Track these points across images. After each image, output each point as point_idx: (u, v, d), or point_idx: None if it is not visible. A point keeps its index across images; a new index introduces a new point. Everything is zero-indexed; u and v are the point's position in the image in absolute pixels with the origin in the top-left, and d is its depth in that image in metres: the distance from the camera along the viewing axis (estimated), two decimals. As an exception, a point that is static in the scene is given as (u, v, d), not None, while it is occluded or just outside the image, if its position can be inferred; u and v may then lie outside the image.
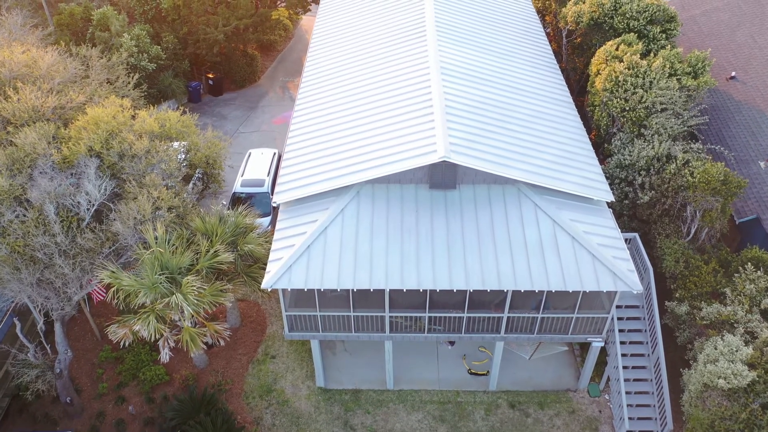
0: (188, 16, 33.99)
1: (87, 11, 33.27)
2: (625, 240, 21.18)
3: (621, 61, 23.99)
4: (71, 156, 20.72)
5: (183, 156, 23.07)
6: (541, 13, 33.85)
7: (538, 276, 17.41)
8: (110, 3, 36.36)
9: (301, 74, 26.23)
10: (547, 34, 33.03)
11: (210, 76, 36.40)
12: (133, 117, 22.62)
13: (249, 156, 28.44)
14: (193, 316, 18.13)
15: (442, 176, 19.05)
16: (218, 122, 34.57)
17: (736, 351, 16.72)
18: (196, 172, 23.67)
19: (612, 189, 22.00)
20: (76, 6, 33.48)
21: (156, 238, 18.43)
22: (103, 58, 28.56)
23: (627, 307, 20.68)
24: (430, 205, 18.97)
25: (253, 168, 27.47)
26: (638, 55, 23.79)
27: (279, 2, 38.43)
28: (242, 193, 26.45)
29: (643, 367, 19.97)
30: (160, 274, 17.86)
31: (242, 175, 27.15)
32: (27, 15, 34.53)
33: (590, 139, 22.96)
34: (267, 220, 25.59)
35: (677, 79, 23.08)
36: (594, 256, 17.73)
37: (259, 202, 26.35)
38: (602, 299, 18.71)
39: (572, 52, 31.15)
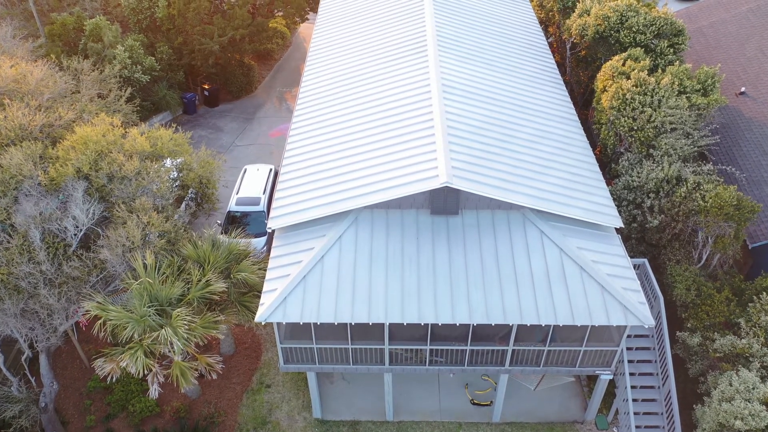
0: (183, 25, 33.21)
1: (79, 21, 32.47)
2: (634, 266, 20.41)
3: (628, 77, 23.21)
4: (58, 178, 19.94)
5: (175, 174, 22.29)
6: (544, 23, 33.11)
7: (545, 309, 16.62)
8: (104, 12, 35.59)
9: (299, 87, 25.45)
10: (550, 44, 32.28)
11: (205, 86, 35.60)
12: (124, 136, 21.81)
13: (244, 172, 27.65)
14: (183, 349, 17.30)
15: (444, 201, 18.28)
16: (214, 135, 33.79)
17: (753, 389, 15.95)
18: (189, 192, 22.89)
19: (619, 211, 21.22)
20: (68, 16, 32.68)
21: (145, 267, 17.65)
22: (95, 71, 27.78)
23: (636, 336, 19.89)
24: (432, 232, 18.19)
25: (248, 185, 26.67)
26: (646, 72, 23.01)
27: (276, 11, 37.63)
28: (237, 211, 25.65)
29: (654, 400, 19.18)
30: (149, 306, 17.06)
31: (237, 193, 26.34)
32: (17, 25, 33.78)
33: (595, 155, 22.17)
34: (262, 240, 24.80)
35: (686, 97, 22.29)
36: (603, 287, 16.95)
37: (254, 220, 25.56)
38: (611, 332, 17.91)
39: (576, 65, 30.40)
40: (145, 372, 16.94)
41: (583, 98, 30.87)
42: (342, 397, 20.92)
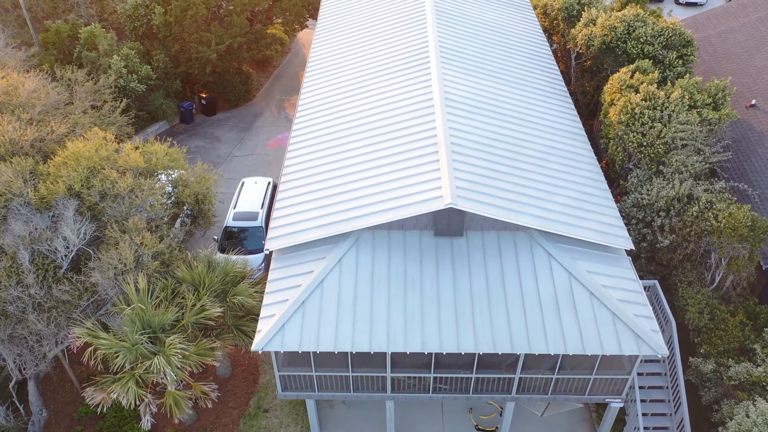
0: (180, 33, 32.54)
1: (74, 29, 31.80)
2: (644, 287, 19.74)
3: (637, 91, 22.54)
4: (49, 196, 19.27)
5: (170, 189, 21.61)
6: (548, 32, 32.43)
7: (554, 337, 15.94)
8: (100, 19, 34.91)
9: (298, 96, 24.76)
10: (554, 53, 31.62)
11: (203, 95, 34.94)
12: (117, 150, 21.13)
13: (242, 186, 26.95)
14: (177, 378, 16.61)
15: (448, 223, 17.61)
16: (211, 144, 33.12)
17: (771, 421, 15.27)
18: (184, 208, 22.21)
19: (628, 230, 20.56)
20: (62, 23, 32.00)
21: (138, 291, 16.97)
22: (89, 81, 27.08)
23: (647, 361, 19.23)
24: (435, 255, 17.52)
25: (245, 200, 25.97)
26: (655, 85, 22.34)
27: (274, 18, 36.95)
28: (234, 227, 24.95)
29: (665, 428, 18.51)
30: (141, 333, 16.38)
31: (234, 208, 25.64)
32: (11, 33, 33.11)
33: (600, 167, 21.45)
34: (260, 257, 24.09)
35: (697, 112, 21.63)
36: (614, 314, 16.27)
37: (252, 236, 24.88)
38: (623, 360, 17.21)
39: (581, 75, 29.73)
40: (137, 403, 16.25)
41: (588, 109, 30.22)
42: (342, 422, 20.24)
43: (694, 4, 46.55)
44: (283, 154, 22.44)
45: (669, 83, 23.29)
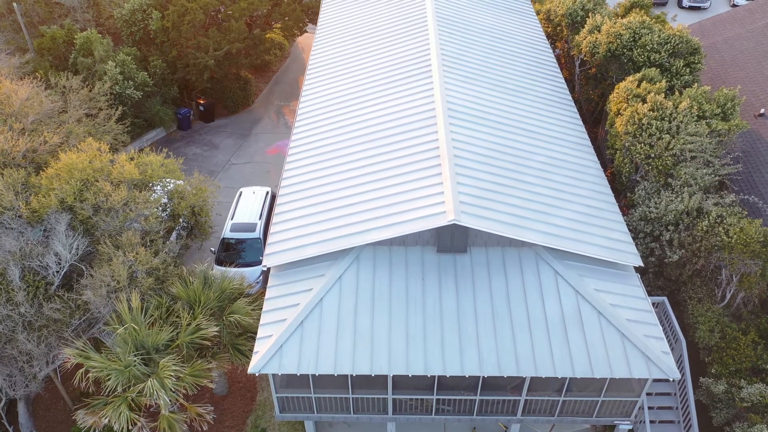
0: (177, 38, 31.99)
1: (70, 34, 31.26)
2: (653, 304, 19.20)
3: (644, 101, 22.01)
4: (41, 209, 18.73)
5: (165, 200, 21.07)
6: (552, 38, 31.92)
7: (561, 359, 15.41)
8: (96, 24, 34.37)
9: (297, 101, 24.23)
10: (557, 59, 31.09)
11: (201, 101, 34.37)
12: (112, 161, 20.59)
13: (240, 196, 26.39)
14: (171, 401, 16.06)
15: (452, 239, 17.08)
16: (209, 152, 32.56)
17: (787, 448, 14.76)
18: (180, 220, 21.66)
19: (636, 244, 20.01)
20: (58, 29, 31.45)
21: (131, 310, 16.41)
22: (84, 88, 26.53)
23: (657, 381, 18.68)
24: (438, 272, 16.99)
25: (243, 210, 25.40)
26: (662, 94, 21.81)
27: (273, 22, 36.41)
28: (232, 239, 24.39)
29: (675, 450, 18.02)
30: (134, 354, 15.83)
31: (232, 219, 25.07)
32: (5, 39, 32.58)
33: (605, 176, 20.89)
34: (258, 269, 23.53)
35: (706, 123, 21.10)
36: (623, 335, 15.74)
37: (250, 247, 24.32)
38: (632, 381, 16.67)
39: (586, 82, 29.20)
40: (130, 427, 15.70)
41: (592, 117, 29.69)
42: (342, 441, 19.71)
43: (698, 8, 46.07)
44: (283, 161, 21.86)
45: (676, 92, 22.77)
